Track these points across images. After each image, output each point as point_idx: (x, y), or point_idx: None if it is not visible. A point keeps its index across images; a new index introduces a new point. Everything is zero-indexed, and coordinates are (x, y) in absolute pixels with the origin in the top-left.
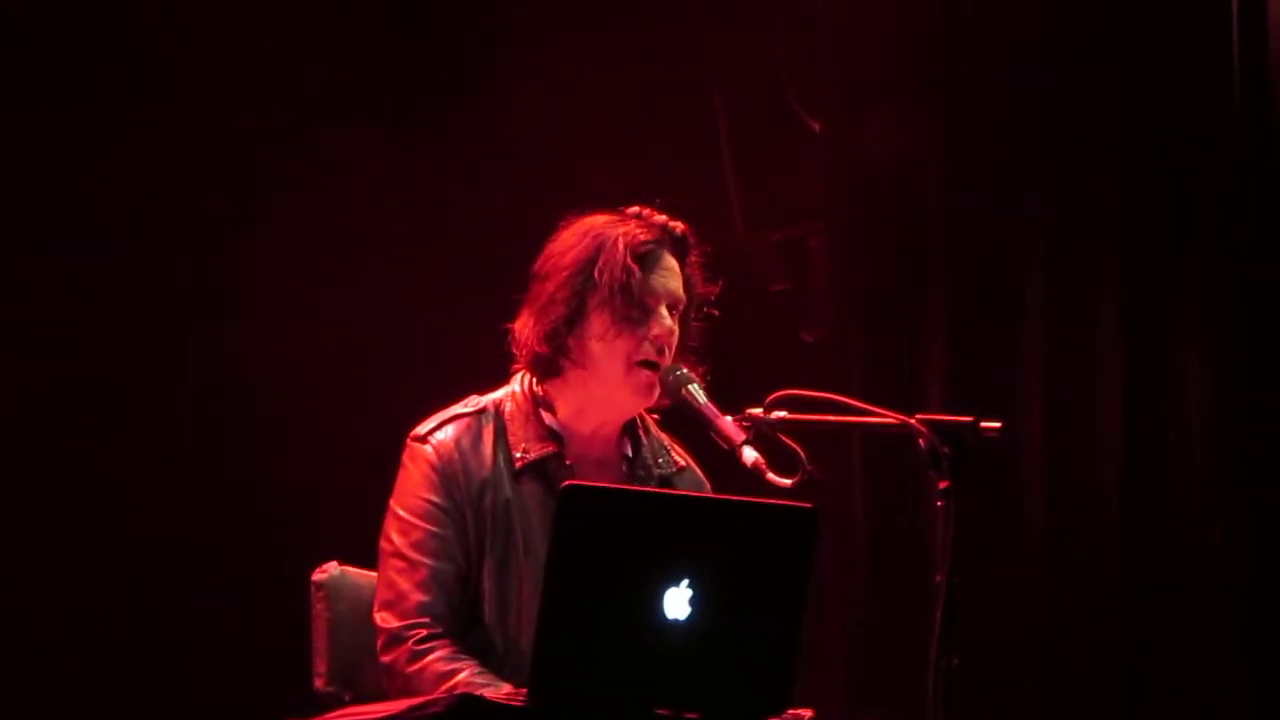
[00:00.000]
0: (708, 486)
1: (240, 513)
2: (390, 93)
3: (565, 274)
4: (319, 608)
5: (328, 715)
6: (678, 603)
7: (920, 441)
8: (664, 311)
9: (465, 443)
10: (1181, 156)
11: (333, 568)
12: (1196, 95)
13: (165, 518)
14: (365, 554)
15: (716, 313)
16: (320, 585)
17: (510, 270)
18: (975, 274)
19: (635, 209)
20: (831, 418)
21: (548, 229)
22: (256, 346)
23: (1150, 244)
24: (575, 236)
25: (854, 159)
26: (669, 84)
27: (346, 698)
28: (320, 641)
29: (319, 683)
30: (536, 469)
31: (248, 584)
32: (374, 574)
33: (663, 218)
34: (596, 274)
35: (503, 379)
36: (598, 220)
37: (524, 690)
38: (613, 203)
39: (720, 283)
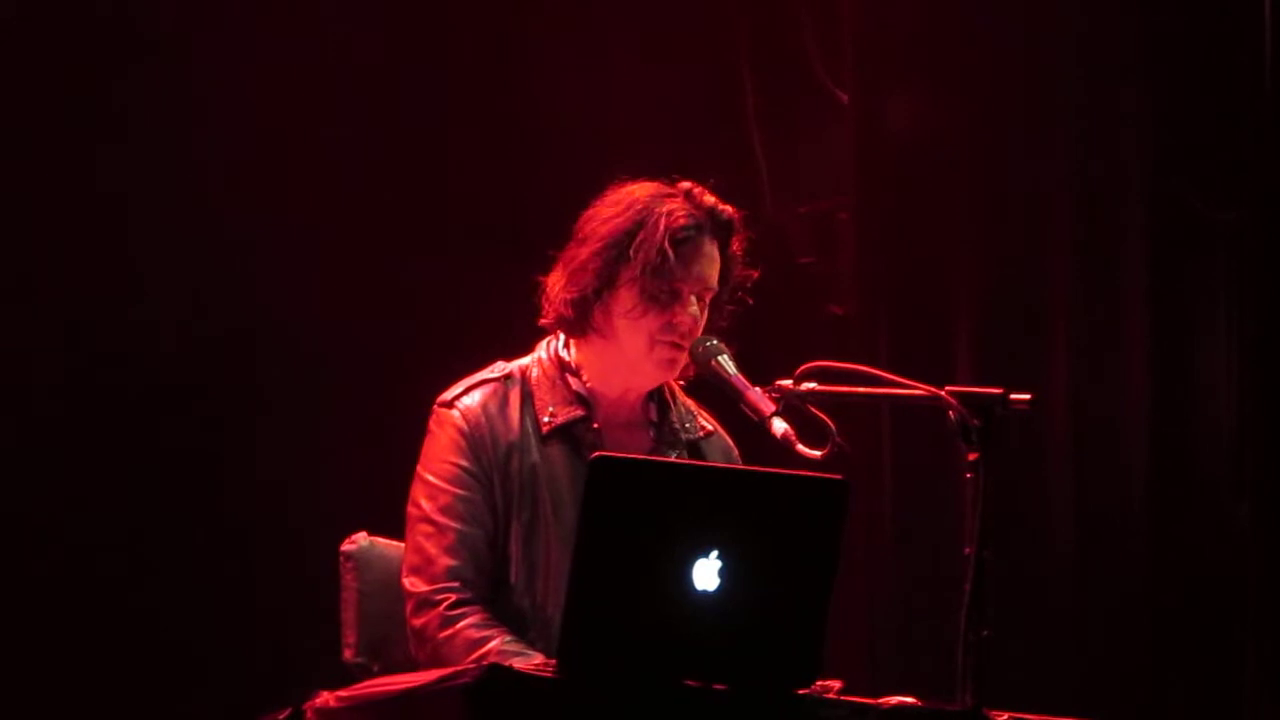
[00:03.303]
0: (736, 453)
1: (269, 483)
2: (416, 63)
3: (601, 243)
4: (348, 579)
5: (357, 686)
6: (707, 574)
7: (950, 414)
8: (692, 299)
9: (492, 407)
10: (1209, 130)
11: (361, 538)
12: (1225, 71)
13: (193, 489)
14: (394, 525)
15: (750, 300)
16: (349, 556)
17: (538, 244)
18: (1002, 247)
19: (687, 185)
20: (861, 390)
21: (576, 203)
22: (283, 315)
23: (1178, 218)
24: (620, 206)
25: (881, 132)
26: (697, 56)
27: (375, 669)
28: (349, 613)
29: (348, 654)
30: (564, 432)
31: (277, 555)
32: (403, 545)
33: (711, 199)
34: (632, 250)
35: (527, 350)
36: (646, 191)
37: (553, 661)
38: (642, 175)
39: (759, 269)
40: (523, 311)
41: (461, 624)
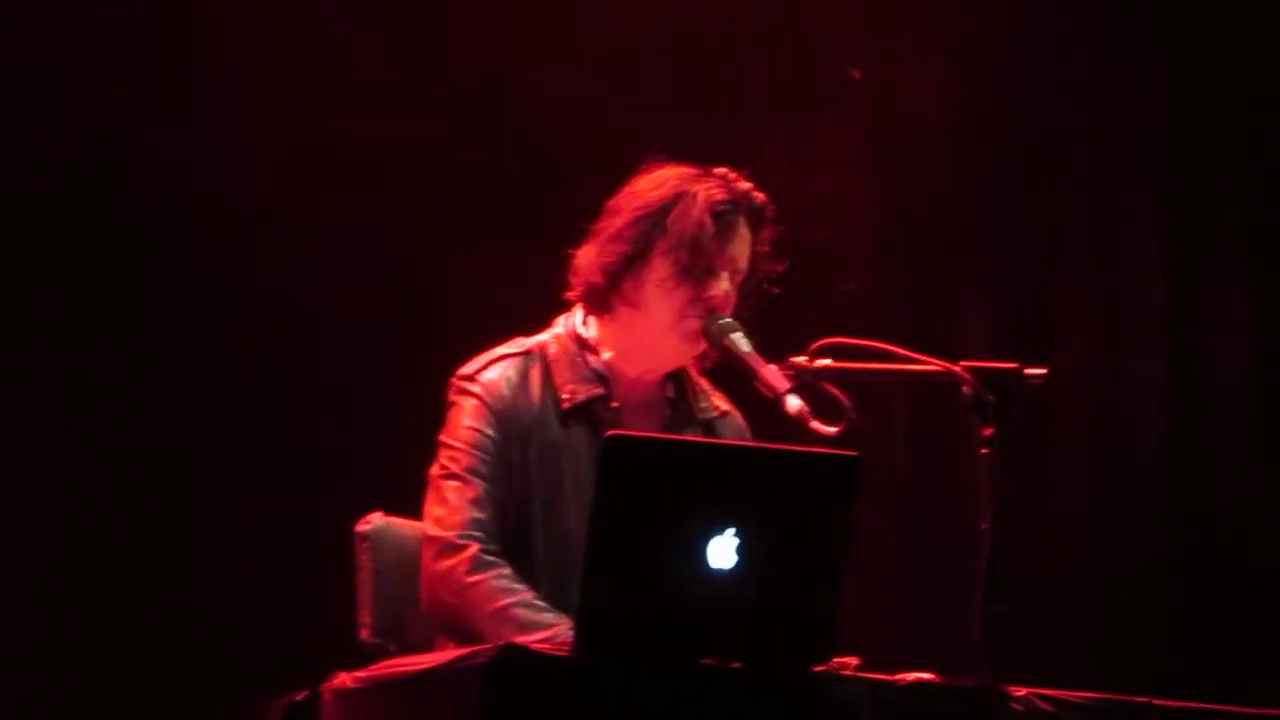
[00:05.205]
0: (748, 433)
1: (285, 464)
2: (421, 50)
3: (639, 213)
4: (364, 559)
5: (374, 666)
6: (723, 552)
7: (964, 389)
8: (725, 276)
9: (514, 381)
10: (1221, 95)
11: (377, 518)
12: (1239, 42)
13: (208, 468)
14: (410, 505)
15: (776, 290)
16: (365, 536)
17: (546, 222)
18: (1015, 221)
19: (722, 170)
20: (876, 366)
21: (584, 180)
22: (292, 294)
23: (1191, 187)
24: (657, 182)
25: (893, 107)
26: (708, 31)
27: (392, 648)
28: (365, 592)
29: (364, 634)
30: (583, 411)
31: (293, 535)
32: (419, 524)
33: (747, 185)
34: (670, 221)
35: (542, 329)
36: (682, 171)
37: (569, 641)
38: (655, 151)
39: (786, 264)
40: (538, 295)
41: (492, 573)
